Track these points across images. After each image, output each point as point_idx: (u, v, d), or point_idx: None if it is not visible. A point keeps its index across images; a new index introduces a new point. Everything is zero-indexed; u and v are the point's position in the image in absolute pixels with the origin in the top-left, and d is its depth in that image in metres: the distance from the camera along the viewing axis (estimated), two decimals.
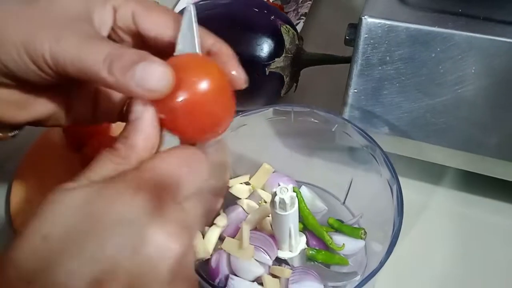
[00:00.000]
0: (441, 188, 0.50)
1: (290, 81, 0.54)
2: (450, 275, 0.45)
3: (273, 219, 0.40)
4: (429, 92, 0.42)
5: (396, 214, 0.35)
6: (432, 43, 0.40)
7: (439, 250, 0.47)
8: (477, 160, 0.44)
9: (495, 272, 0.45)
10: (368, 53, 0.42)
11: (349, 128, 0.41)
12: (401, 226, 0.34)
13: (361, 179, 0.45)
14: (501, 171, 0.44)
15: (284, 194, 0.37)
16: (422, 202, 0.49)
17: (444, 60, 0.40)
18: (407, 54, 0.41)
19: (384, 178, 0.39)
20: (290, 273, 0.39)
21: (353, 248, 0.43)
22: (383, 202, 0.39)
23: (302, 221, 0.44)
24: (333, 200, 0.48)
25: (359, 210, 0.46)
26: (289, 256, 0.42)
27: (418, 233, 0.47)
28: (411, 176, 0.50)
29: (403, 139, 0.45)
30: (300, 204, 0.43)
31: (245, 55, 0.51)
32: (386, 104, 0.44)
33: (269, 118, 0.44)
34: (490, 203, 0.49)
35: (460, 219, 0.48)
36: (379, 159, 0.39)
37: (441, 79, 0.41)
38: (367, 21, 0.41)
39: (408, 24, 0.41)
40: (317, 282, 0.39)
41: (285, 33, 0.52)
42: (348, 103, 0.45)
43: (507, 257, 0.46)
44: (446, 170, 0.50)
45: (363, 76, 0.44)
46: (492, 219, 0.48)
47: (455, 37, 0.40)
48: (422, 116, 0.43)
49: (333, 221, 0.45)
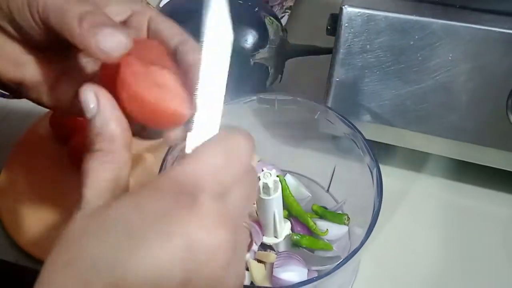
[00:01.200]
0: (423, 174, 0.51)
1: (275, 72, 0.55)
2: (432, 260, 0.46)
3: (257, 205, 0.40)
4: (408, 80, 0.43)
5: (376, 197, 0.36)
6: (410, 31, 0.41)
7: (421, 235, 0.48)
8: (456, 146, 0.45)
9: (475, 257, 0.46)
10: (349, 42, 0.43)
11: (331, 116, 0.42)
12: (380, 208, 0.35)
13: (344, 167, 0.46)
14: (480, 156, 0.45)
15: (267, 178, 0.37)
16: (404, 188, 0.50)
17: (422, 47, 0.42)
18: (387, 42, 0.42)
19: (365, 164, 0.40)
20: (275, 258, 0.40)
21: (337, 234, 0.44)
22: (364, 188, 0.40)
23: (287, 208, 0.45)
24: (317, 188, 0.49)
25: (343, 196, 0.47)
26: (274, 242, 0.43)
27: (400, 219, 0.48)
28: (393, 164, 0.51)
29: (385, 126, 0.46)
30: (285, 192, 0.44)
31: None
32: (368, 92, 0.45)
33: (254, 108, 0.45)
34: (471, 189, 0.50)
35: (441, 205, 0.49)
36: (360, 145, 0.40)
37: (420, 66, 0.42)
38: (347, 10, 0.42)
39: (387, 13, 0.42)
40: (301, 266, 0.40)
41: (269, 24, 0.53)
42: (331, 92, 0.46)
43: (487, 241, 0.47)
44: (427, 157, 0.52)
45: (344, 65, 0.44)
46: (472, 204, 0.49)
47: (432, 25, 0.41)
48: (403, 103, 0.44)
49: (317, 207, 0.46)
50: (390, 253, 0.46)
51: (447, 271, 0.45)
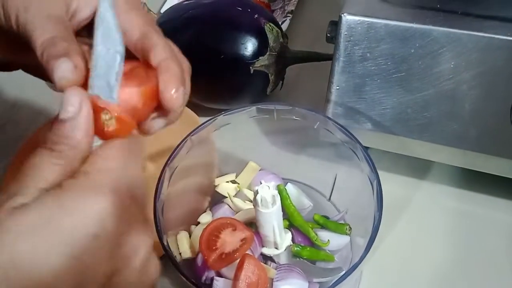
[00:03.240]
0: (426, 182, 0.50)
1: (276, 79, 0.54)
2: (435, 267, 0.45)
3: (256, 217, 0.40)
4: (410, 88, 0.42)
5: (376, 209, 0.36)
6: (411, 39, 0.41)
7: (425, 243, 0.47)
8: (459, 154, 0.44)
9: (479, 264, 0.45)
10: (349, 50, 0.43)
11: (330, 125, 0.41)
12: (380, 221, 0.35)
13: (345, 175, 0.46)
14: (483, 164, 0.45)
15: (265, 192, 0.37)
16: (407, 196, 0.50)
17: (424, 55, 0.41)
18: (387, 51, 0.42)
19: (365, 173, 0.39)
20: (275, 273, 0.40)
21: (338, 244, 0.43)
22: (365, 198, 0.39)
23: (288, 218, 0.44)
24: (319, 197, 0.48)
25: (344, 205, 0.46)
26: (275, 253, 0.42)
27: (404, 227, 0.48)
28: (396, 171, 0.50)
29: (386, 134, 0.45)
30: (286, 201, 0.44)
31: (230, 54, 0.52)
32: (368, 100, 0.44)
33: (253, 117, 0.45)
34: (474, 196, 0.49)
35: (445, 212, 0.49)
36: (359, 155, 0.39)
37: (421, 74, 0.42)
38: (346, 18, 0.42)
39: (387, 21, 0.41)
40: (301, 279, 0.40)
41: (269, 31, 0.52)
42: (331, 100, 0.45)
43: (492, 248, 0.46)
44: (430, 165, 0.51)
45: (345, 73, 0.44)
46: (476, 211, 0.48)
47: (433, 33, 0.40)
48: (404, 111, 0.43)
49: (319, 217, 0.45)
50: (393, 261, 0.46)
51: (451, 278, 0.45)
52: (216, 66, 0.52)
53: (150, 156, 0.55)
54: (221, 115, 0.43)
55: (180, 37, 0.53)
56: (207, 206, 0.48)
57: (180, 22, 0.54)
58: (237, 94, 0.54)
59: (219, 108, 0.52)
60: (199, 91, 0.55)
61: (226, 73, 0.52)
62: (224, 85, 0.54)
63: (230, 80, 0.53)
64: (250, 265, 0.38)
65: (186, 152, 0.41)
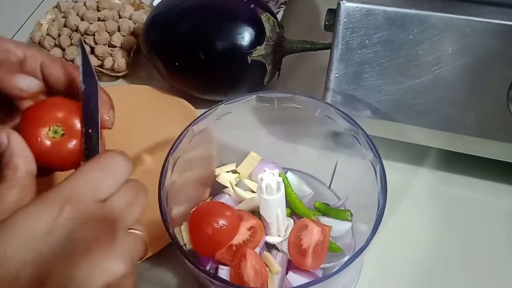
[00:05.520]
0: (424, 168, 0.51)
1: (273, 69, 0.54)
2: (435, 253, 0.46)
3: (260, 205, 0.40)
4: (408, 74, 0.43)
5: (380, 193, 0.36)
6: (409, 25, 0.41)
7: (424, 229, 0.48)
8: (457, 139, 0.45)
9: (478, 249, 0.46)
10: (347, 38, 0.43)
11: (331, 112, 0.41)
12: (385, 205, 0.35)
13: (345, 163, 0.46)
14: (481, 149, 0.45)
15: (270, 178, 0.37)
16: (405, 183, 0.50)
17: (422, 41, 0.41)
18: (386, 37, 0.42)
19: (368, 160, 0.39)
20: (279, 271, 0.40)
21: (340, 230, 0.44)
22: (367, 184, 0.39)
23: (290, 206, 0.44)
24: (319, 185, 0.48)
25: (345, 193, 0.47)
26: (278, 241, 0.42)
27: (403, 214, 0.48)
28: (394, 158, 0.51)
29: (385, 121, 0.46)
30: (287, 189, 0.44)
31: (227, 45, 0.52)
32: (367, 88, 0.45)
33: (253, 106, 0.45)
34: (472, 181, 0.50)
35: (443, 198, 0.49)
36: (362, 141, 0.40)
37: (420, 61, 0.42)
38: (345, 5, 0.42)
39: (385, 7, 0.41)
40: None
41: (266, 21, 0.52)
42: (330, 88, 0.46)
43: (489, 233, 0.47)
44: (428, 151, 0.52)
45: (343, 61, 0.44)
46: (474, 197, 0.49)
47: (431, 19, 0.40)
48: (403, 98, 0.44)
49: (320, 204, 0.45)
50: (393, 248, 0.46)
51: (451, 264, 0.45)
52: (213, 57, 0.52)
53: (147, 149, 0.54)
54: (222, 104, 0.43)
55: (177, 29, 0.53)
56: (207, 197, 0.47)
57: (176, 13, 0.53)
58: (235, 85, 0.54)
59: (216, 99, 0.52)
60: (197, 82, 0.55)
61: (223, 63, 0.52)
62: (221, 76, 0.54)
63: (227, 70, 0.53)
64: (252, 255, 0.38)
65: (188, 142, 0.41)
